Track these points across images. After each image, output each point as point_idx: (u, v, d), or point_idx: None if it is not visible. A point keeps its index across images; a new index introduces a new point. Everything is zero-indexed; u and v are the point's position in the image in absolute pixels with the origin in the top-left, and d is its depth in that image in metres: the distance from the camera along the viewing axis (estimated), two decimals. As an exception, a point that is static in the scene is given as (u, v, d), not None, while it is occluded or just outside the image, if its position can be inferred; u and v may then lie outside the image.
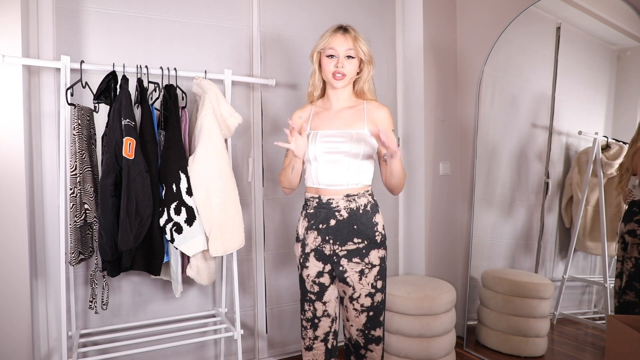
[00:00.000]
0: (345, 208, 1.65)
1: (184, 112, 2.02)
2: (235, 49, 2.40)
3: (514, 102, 2.68)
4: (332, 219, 1.65)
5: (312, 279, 1.71)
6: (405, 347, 2.28)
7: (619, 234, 2.08)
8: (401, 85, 2.92)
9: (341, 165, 1.64)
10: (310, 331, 1.74)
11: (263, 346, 2.54)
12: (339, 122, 1.70)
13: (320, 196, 1.68)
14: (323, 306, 1.73)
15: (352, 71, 1.69)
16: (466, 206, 2.86)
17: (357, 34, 1.69)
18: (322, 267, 1.70)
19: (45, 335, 2.02)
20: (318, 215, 1.68)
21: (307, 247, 1.71)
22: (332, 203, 1.65)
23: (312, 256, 1.70)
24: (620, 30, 2.19)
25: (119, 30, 2.13)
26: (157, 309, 2.24)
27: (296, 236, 1.78)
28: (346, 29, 1.69)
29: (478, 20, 2.79)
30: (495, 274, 2.61)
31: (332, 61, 1.67)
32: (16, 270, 1.82)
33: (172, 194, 1.89)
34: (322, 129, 1.70)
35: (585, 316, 2.35)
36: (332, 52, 1.66)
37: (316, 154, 1.66)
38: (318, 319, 1.73)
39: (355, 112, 1.72)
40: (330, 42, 1.67)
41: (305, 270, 1.73)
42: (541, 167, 2.49)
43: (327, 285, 1.72)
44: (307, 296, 1.74)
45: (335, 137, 1.66)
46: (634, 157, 2.01)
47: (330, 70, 1.67)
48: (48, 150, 2.01)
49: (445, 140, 2.87)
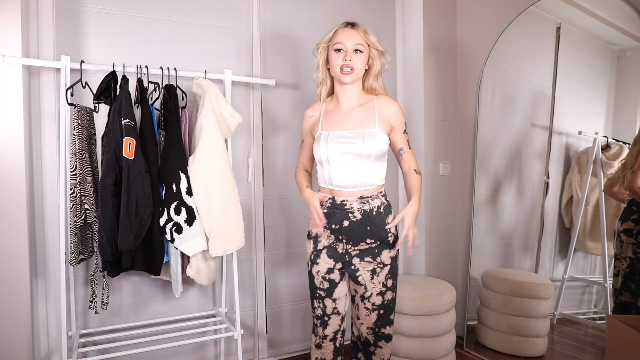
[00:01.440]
0: (359, 210, 1.65)
1: (184, 112, 2.02)
2: (235, 49, 2.40)
3: (514, 102, 2.68)
4: (345, 220, 1.65)
5: (322, 275, 1.72)
6: (405, 347, 2.28)
7: (616, 232, 2.10)
8: (401, 85, 2.92)
9: (354, 166, 1.63)
10: (320, 329, 1.74)
11: (263, 346, 2.54)
12: (350, 122, 1.68)
13: (334, 197, 1.68)
14: (333, 303, 1.72)
15: (361, 66, 1.66)
16: (466, 206, 2.86)
17: (366, 29, 1.67)
18: (333, 264, 1.70)
19: (45, 335, 2.03)
20: (332, 215, 1.67)
21: (319, 244, 1.72)
22: (346, 205, 1.65)
23: (324, 253, 1.71)
24: (620, 30, 2.19)
25: (119, 30, 2.13)
26: (157, 309, 2.24)
27: (308, 233, 1.78)
28: (354, 24, 1.67)
29: (478, 20, 2.79)
30: (495, 274, 2.61)
31: (340, 55, 1.64)
32: (16, 270, 1.82)
33: (172, 194, 1.89)
34: (333, 130, 1.68)
35: (585, 316, 2.35)
36: (340, 45, 1.63)
37: (328, 155, 1.65)
38: (328, 317, 1.73)
39: (366, 111, 1.68)
40: (338, 35, 1.65)
41: (315, 266, 1.73)
42: (541, 167, 2.49)
43: (337, 282, 1.72)
44: (317, 293, 1.73)
45: (347, 137, 1.64)
46: (638, 156, 2.01)
47: (339, 64, 1.63)
48: (48, 150, 2.01)
49: (445, 140, 2.87)
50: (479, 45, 2.76)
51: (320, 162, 1.69)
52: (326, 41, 1.68)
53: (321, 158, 1.67)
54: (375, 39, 1.67)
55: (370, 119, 1.66)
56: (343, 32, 1.64)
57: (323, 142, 1.66)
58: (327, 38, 1.68)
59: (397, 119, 1.67)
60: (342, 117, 1.70)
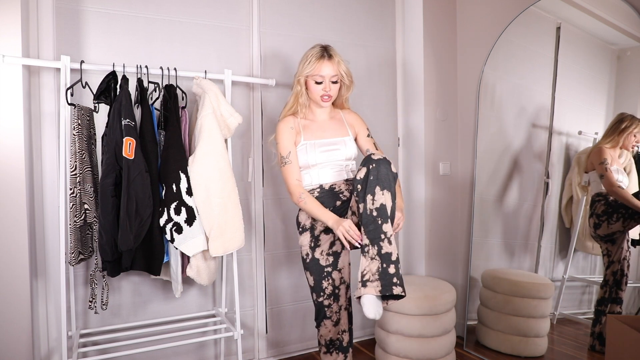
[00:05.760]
0: (347, 189, 1.89)
1: (184, 112, 2.02)
2: (235, 49, 2.40)
3: (514, 102, 2.68)
4: (337, 200, 1.87)
5: (327, 252, 1.87)
6: (405, 347, 2.28)
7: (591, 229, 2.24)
8: (401, 85, 2.92)
9: (339, 167, 1.91)
10: (335, 304, 1.90)
11: (263, 346, 2.54)
12: (328, 132, 1.95)
13: (321, 184, 1.89)
14: (339, 274, 1.89)
15: (336, 92, 1.94)
16: (466, 206, 2.86)
17: (340, 58, 1.90)
18: (333, 237, 1.87)
19: (45, 335, 2.03)
20: (322, 199, 1.86)
21: (316, 230, 1.88)
22: (335, 188, 1.88)
23: (323, 234, 1.87)
24: (620, 30, 2.19)
25: (119, 30, 2.13)
26: (157, 309, 2.24)
27: (300, 229, 1.91)
28: (330, 54, 1.88)
29: (478, 20, 2.79)
30: (495, 274, 2.61)
31: (320, 86, 1.89)
32: (16, 270, 1.82)
33: (172, 194, 1.89)
34: (316, 139, 1.91)
35: (585, 316, 2.34)
36: (320, 78, 1.88)
37: (317, 161, 1.88)
38: (338, 289, 1.89)
39: (337, 122, 1.99)
40: (317, 68, 1.87)
41: (318, 249, 1.87)
42: (541, 167, 2.49)
43: (340, 252, 1.90)
44: (324, 272, 1.87)
45: (330, 145, 1.91)
46: (589, 157, 2.23)
47: (319, 94, 1.89)
48: (48, 150, 2.01)
49: (446, 140, 2.87)
50: (479, 45, 2.76)
51: (308, 166, 1.89)
52: (305, 74, 1.89)
53: (309, 163, 1.88)
54: (345, 69, 1.91)
55: (342, 128, 1.98)
56: (322, 65, 1.86)
57: (311, 149, 1.88)
58: (307, 71, 1.88)
59: (359, 124, 2.01)
60: (320, 128, 1.95)
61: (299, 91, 1.92)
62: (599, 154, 2.18)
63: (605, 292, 2.17)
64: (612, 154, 2.15)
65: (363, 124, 2.03)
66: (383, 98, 2.85)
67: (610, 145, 2.15)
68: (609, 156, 2.15)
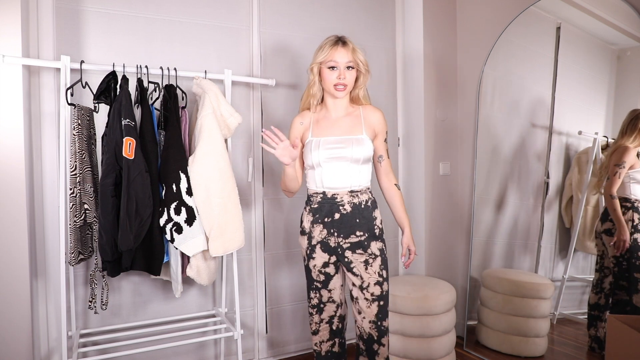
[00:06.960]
0: (349, 203, 1.77)
1: (184, 112, 2.02)
2: (235, 49, 2.40)
3: (514, 102, 2.68)
4: (336, 212, 1.77)
5: (319, 269, 1.82)
6: (405, 347, 2.28)
7: (597, 233, 2.20)
8: (401, 85, 2.92)
9: (344, 169, 1.76)
10: (317, 316, 1.86)
11: (263, 346, 2.54)
12: (339, 129, 1.81)
13: (324, 191, 1.79)
14: (328, 293, 1.84)
15: (352, 81, 1.80)
16: (466, 206, 2.86)
17: (355, 46, 1.79)
18: (328, 258, 1.81)
19: (45, 335, 2.03)
20: (322, 209, 1.78)
21: (313, 240, 1.81)
22: (337, 198, 1.77)
23: (319, 248, 1.81)
24: (620, 30, 2.19)
25: (119, 30, 2.13)
26: (157, 309, 2.24)
27: (301, 229, 1.87)
28: (344, 41, 1.78)
29: (478, 20, 2.79)
30: (495, 274, 2.61)
31: (334, 73, 1.76)
32: (16, 270, 1.82)
33: (172, 194, 1.89)
34: (324, 136, 1.80)
35: (585, 316, 2.34)
36: (334, 64, 1.75)
37: (320, 160, 1.77)
38: (323, 304, 1.85)
39: (353, 119, 1.83)
40: (331, 54, 1.75)
41: (312, 260, 1.83)
42: (541, 167, 2.49)
43: (332, 275, 1.83)
44: (314, 284, 1.85)
45: (337, 143, 1.77)
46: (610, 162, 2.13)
47: (332, 82, 1.76)
48: (48, 150, 2.01)
49: (445, 140, 2.87)
50: (479, 45, 2.76)
51: (312, 166, 1.80)
52: (319, 61, 1.78)
53: (313, 162, 1.78)
54: (362, 57, 1.79)
55: (357, 126, 1.81)
56: (336, 51, 1.75)
57: (315, 148, 1.78)
58: (320, 58, 1.77)
59: (381, 126, 1.84)
60: (331, 125, 1.82)
61: (311, 80, 1.82)
62: (622, 153, 2.08)
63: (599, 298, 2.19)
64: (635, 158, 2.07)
65: (384, 126, 1.84)
66: (383, 98, 2.85)
67: (634, 145, 2.06)
68: (630, 160, 2.06)
